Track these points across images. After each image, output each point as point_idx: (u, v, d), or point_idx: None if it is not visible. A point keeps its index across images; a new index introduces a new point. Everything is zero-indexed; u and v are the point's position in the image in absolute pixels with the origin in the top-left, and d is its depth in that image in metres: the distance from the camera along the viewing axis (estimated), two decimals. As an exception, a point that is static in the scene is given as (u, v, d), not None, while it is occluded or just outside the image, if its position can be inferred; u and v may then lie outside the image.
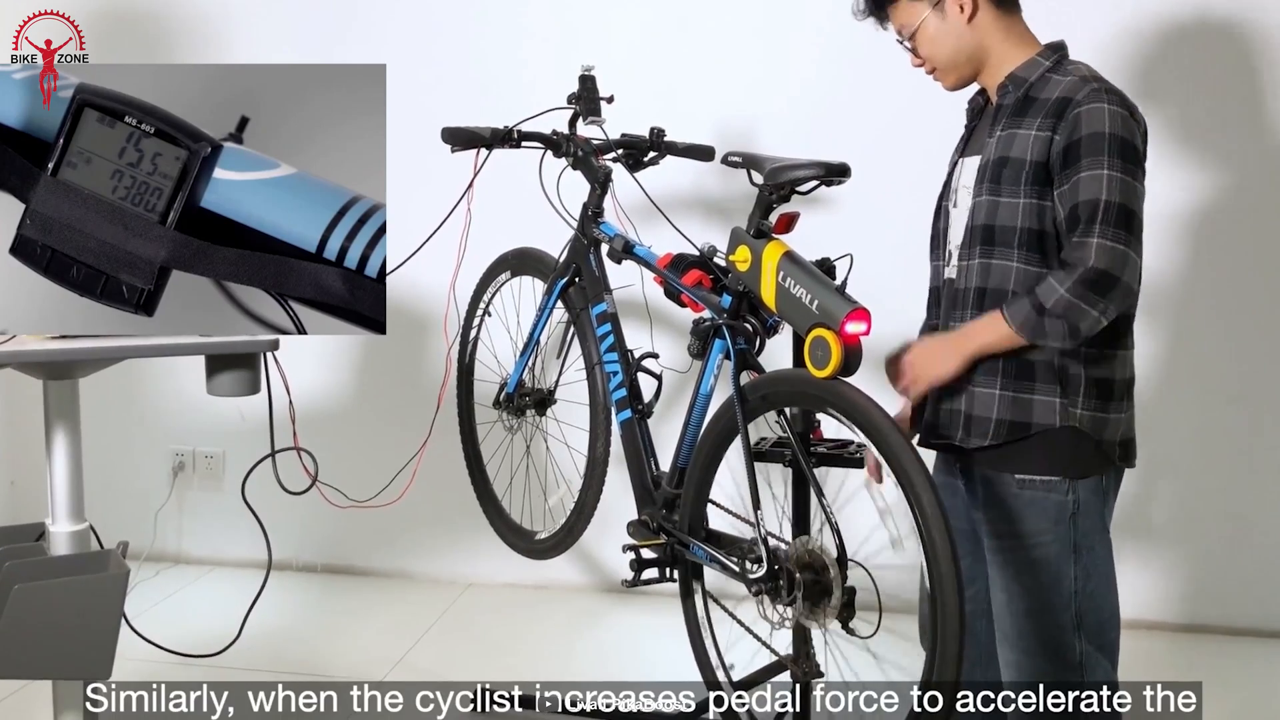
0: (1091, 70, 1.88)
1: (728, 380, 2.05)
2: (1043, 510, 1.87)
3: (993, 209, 1.87)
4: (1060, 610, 1.88)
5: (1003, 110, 1.91)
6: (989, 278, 1.88)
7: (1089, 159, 1.78)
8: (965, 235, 1.92)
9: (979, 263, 1.90)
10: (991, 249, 1.88)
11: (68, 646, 1.82)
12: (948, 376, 1.88)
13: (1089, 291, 1.74)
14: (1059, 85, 1.86)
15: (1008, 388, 1.86)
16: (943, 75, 1.97)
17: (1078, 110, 1.80)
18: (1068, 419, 1.84)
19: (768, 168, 1.97)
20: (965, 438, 1.90)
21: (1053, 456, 1.86)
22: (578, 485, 2.54)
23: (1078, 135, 1.79)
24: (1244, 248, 3.07)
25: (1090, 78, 1.85)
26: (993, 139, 1.90)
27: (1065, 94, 1.83)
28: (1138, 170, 1.81)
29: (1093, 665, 1.89)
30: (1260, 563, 3.23)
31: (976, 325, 1.87)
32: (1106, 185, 1.76)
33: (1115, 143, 1.77)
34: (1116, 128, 1.78)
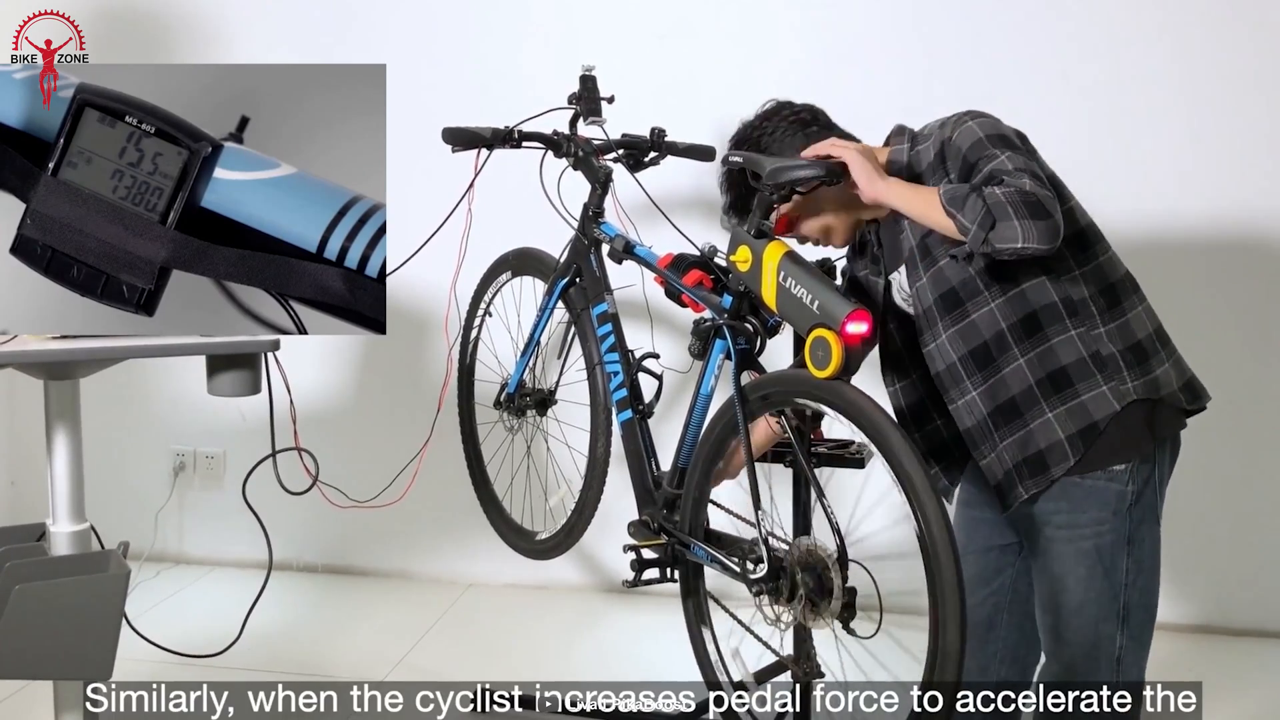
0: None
1: (728, 380, 2.05)
2: (1103, 500, 1.86)
3: (939, 276, 1.88)
4: (1109, 601, 1.88)
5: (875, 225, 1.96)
6: (975, 333, 1.87)
7: (982, 160, 1.78)
8: (924, 319, 1.92)
9: (954, 330, 1.89)
10: (962, 307, 1.87)
11: (68, 647, 1.82)
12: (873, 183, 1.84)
13: (1023, 204, 1.68)
14: (927, 141, 1.90)
15: (1054, 404, 1.85)
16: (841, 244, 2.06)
17: (951, 141, 1.84)
18: (1124, 397, 1.83)
19: (768, 168, 1.97)
20: (1033, 486, 1.88)
21: (1132, 437, 1.84)
22: (578, 486, 2.54)
23: (961, 154, 1.81)
24: (1245, 246, 3.07)
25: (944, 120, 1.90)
26: (904, 229, 1.92)
27: (939, 139, 1.87)
28: (1026, 150, 1.82)
29: (1129, 661, 1.89)
30: (1260, 563, 3.23)
31: (912, 182, 1.86)
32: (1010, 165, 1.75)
33: (994, 140, 1.79)
34: (987, 129, 1.81)
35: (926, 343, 1.93)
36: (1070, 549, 1.89)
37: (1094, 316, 1.85)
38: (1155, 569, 1.92)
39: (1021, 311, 1.84)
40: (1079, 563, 1.89)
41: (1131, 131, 3.12)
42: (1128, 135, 3.13)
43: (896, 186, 1.84)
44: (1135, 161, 3.12)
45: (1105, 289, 1.88)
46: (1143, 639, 1.91)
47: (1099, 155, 3.08)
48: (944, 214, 1.74)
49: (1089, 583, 1.88)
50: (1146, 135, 3.12)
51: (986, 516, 2.03)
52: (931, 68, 3.20)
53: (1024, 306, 1.85)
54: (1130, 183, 3.11)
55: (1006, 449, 1.89)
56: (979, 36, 3.18)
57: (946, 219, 1.73)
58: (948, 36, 3.21)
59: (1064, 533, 1.90)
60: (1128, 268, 1.93)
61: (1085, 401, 1.83)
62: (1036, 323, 1.85)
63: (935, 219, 1.76)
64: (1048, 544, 1.92)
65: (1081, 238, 1.88)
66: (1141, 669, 1.92)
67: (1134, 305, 1.90)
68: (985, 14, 3.18)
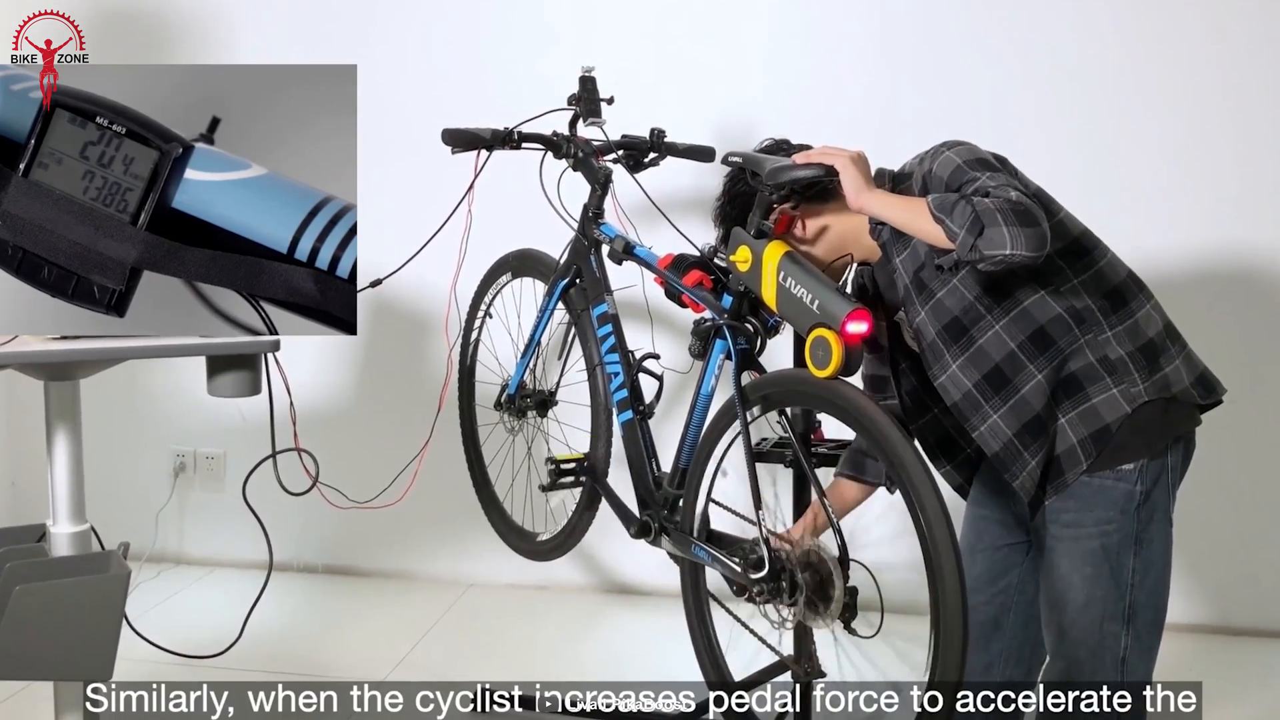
0: None
1: (729, 380, 2.05)
2: (1111, 499, 1.85)
3: (939, 308, 1.86)
4: (1115, 601, 1.87)
5: (887, 245, 1.92)
6: (985, 357, 1.85)
7: (964, 184, 1.77)
8: (931, 352, 1.89)
9: (964, 358, 1.86)
10: (968, 334, 1.85)
11: (69, 647, 1.82)
12: (860, 194, 1.83)
13: (1011, 211, 1.68)
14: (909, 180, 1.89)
15: (1067, 410, 1.84)
16: None
17: (931, 171, 1.84)
18: (1135, 399, 1.82)
19: (767, 168, 1.97)
20: (1054, 493, 1.88)
21: (1145, 437, 1.84)
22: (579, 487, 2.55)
23: (943, 183, 1.81)
24: (1246, 245, 3.07)
25: (922, 155, 1.90)
26: (899, 266, 1.90)
27: (919, 176, 1.87)
28: (1005, 170, 1.82)
29: (1134, 662, 1.89)
30: (1261, 563, 3.23)
31: (902, 194, 1.85)
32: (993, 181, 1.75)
33: (972, 165, 1.79)
34: (963, 155, 1.81)
35: (937, 375, 1.90)
36: (1077, 548, 1.88)
37: (1100, 322, 1.84)
38: (1165, 570, 1.91)
39: (1028, 329, 1.83)
40: (1085, 562, 1.88)
41: (1125, 136, 3.13)
42: (1123, 139, 3.13)
43: (883, 196, 1.83)
44: (1134, 161, 3.13)
45: (1109, 293, 1.87)
46: (1149, 640, 1.90)
47: (1091, 161, 3.09)
48: (932, 221, 1.73)
49: (1095, 582, 1.87)
50: (1139, 140, 3.13)
51: (996, 516, 2.03)
52: (935, 72, 3.20)
53: (1030, 323, 1.83)
54: (1128, 181, 3.11)
55: (1040, 465, 1.86)
56: (986, 37, 3.18)
57: (934, 225, 1.72)
58: (950, 37, 3.21)
59: (1070, 531, 1.89)
60: (1130, 268, 1.92)
61: (1096, 405, 1.82)
62: (1047, 337, 1.83)
63: (923, 227, 1.75)
64: (1054, 543, 1.91)
65: (1076, 247, 1.87)
66: (1148, 670, 1.91)
67: (1141, 305, 1.89)
68: (990, 13, 3.18)
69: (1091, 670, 1.90)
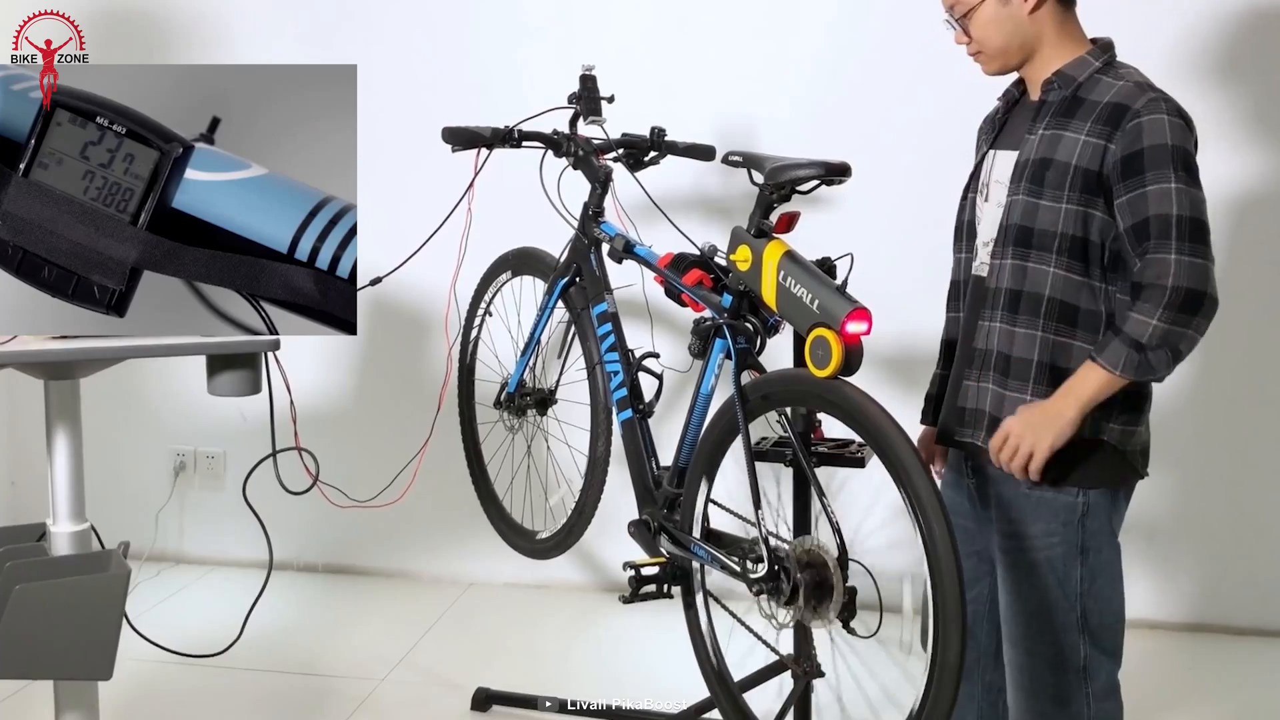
0: (1144, 76, 1.85)
1: (728, 380, 2.05)
2: (1052, 511, 1.87)
3: (1031, 210, 1.85)
4: (1065, 611, 1.88)
5: (1046, 107, 1.88)
6: (1024, 280, 1.86)
7: (1154, 172, 1.74)
8: (999, 233, 1.90)
9: (1012, 264, 1.87)
10: (1027, 251, 1.86)
11: (69, 647, 1.82)
12: (1064, 440, 1.80)
13: (1181, 313, 1.71)
14: (1111, 89, 1.82)
15: (1040, 395, 1.85)
16: (987, 61, 1.94)
17: (1137, 121, 1.76)
18: (1098, 432, 1.83)
19: (768, 167, 1.97)
20: (988, 438, 1.89)
21: (1076, 467, 1.84)
22: (578, 485, 2.54)
23: (1139, 147, 1.76)
24: (1247, 247, 3.07)
25: (1145, 85, 1.81)
26: (1034, 136, 1.87)
27: (1120, 100, 1.79)
28: (1198, 180, 1.78)
29: (1095, 669, 1.89)
30: (1261, 563, 3.23)
31: (1074, 382, 1.80)
32: (1176, 199, 1.73)
33: (1179, 155, 1.75)
34: (1178, 139, 1.75)
35: (983, 239, 1.95)
36: (1023, 560, 1.90)
37: None
38: (1115, 577, 1.91)
39: (1068, 297, 1.83)
40: (1031, 573, 1.89)
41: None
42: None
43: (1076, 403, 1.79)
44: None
45: None
46: (1109, 647, 1.91)
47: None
48: (1135, 380, 1.77)
49: (1044, 595, 1.88)
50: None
51: (967, 525, 2.02)
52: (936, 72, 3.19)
53: (1074, 295, 1.83)
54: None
55: (985, 390, 1.91)
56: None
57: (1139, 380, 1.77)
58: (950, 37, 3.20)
59: (1015, 543, 1.91)
60: None
61: None
62: (1073, 318, 1.84)
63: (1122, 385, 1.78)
64: (1002, 556, 1.94)
65: None
66: (1112, 674, 1.92)
67: None
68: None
69: (1055, 680, 1.90)
